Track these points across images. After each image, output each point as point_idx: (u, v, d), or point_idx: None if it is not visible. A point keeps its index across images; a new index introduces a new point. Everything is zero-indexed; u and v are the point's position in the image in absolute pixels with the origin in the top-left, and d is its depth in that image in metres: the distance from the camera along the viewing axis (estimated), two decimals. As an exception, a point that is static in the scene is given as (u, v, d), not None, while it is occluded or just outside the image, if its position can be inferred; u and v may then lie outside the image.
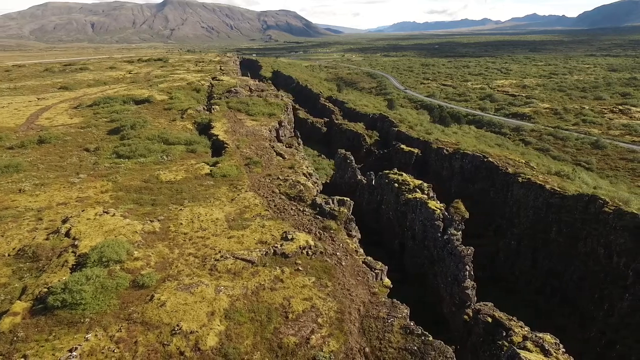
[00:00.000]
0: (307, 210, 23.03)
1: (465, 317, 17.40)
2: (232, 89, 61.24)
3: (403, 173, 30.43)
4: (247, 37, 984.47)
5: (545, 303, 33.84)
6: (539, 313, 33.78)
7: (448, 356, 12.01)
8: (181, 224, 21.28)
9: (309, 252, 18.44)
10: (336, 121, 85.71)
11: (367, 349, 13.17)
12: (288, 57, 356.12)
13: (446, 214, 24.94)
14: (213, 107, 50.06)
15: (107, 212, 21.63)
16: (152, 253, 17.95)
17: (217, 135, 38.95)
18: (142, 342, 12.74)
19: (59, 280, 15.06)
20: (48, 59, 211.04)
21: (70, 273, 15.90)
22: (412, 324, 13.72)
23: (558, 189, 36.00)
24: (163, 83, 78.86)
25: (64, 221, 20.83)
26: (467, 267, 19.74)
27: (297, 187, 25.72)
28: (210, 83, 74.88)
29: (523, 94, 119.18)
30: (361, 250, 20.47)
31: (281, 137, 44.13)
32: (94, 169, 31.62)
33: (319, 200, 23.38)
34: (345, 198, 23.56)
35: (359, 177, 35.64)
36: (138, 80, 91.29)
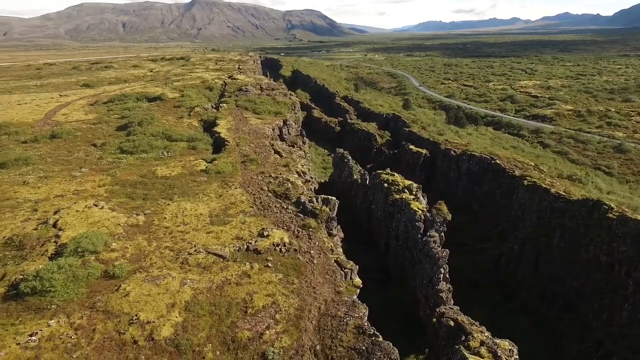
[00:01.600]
0: (290, 208, 23.19)
1: (434, 320, 17.14)
2: (243, 87, 62.07)
3: (395, 173, 30.14)
4: (272, 36, 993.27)
5: (547, 310, 32.82)
6: (539, 320, 32.84)
7: (393, 357, 11.91)
8: (165, 218, 21.81)
9: (282, 249, 18.59)
10: (349, 121, 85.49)
11: (318, 347, 13.22)
12: (310, 56, 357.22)
13: (428, 215, 24.55)
14: (221, 105, 50.91)
15: (96, 205, 22.41)
16: (130, 245, 18.51)
17: (220, 132, 39.60)
18: (100, 329, 13.20)
19: (35, 269, 15.74)
20: (79, 58, 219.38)
21: (48, 262, 16.59)
22: (366, 324, 13.68)
23: (563, 194, 34.83)
24: (180, 81, 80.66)
25: (55, 212, 21.71)
26: (442, 269, 19.34)
27: (285, 185, 25.90)
28: (224, 82, 76.04)
29: (546, 95, 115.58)
30: (339, 250, 20.45)
31: (284, 136, 44.44)
32: (97, 164, 32.75)
33: (303, 198, 23.50)
34: (330, 197, 23.59)
35: (355, 176, 35.54)
36: (157, 79, 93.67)
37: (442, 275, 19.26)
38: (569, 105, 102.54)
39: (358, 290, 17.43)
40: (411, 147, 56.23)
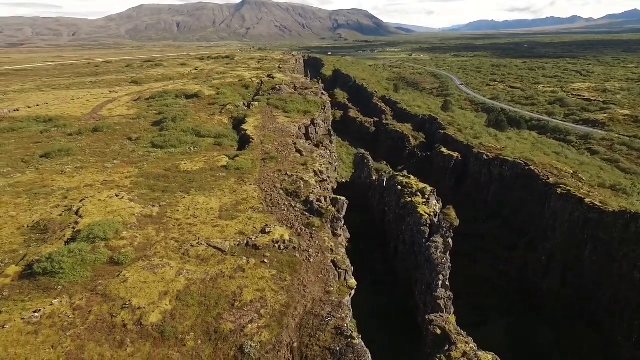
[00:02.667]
0: (298, 206, 23.47)
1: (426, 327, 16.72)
2: (277, 86, 63.18)
3: (411, 176, 29.52)
4: (318, 35, 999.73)
5: (571, 325, 30.92)
6: (563, 334, 31.01)
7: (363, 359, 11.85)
8: (178, 210, 22.83)
9: (281, 246, 18.91)
10: (384, 121, 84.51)
11: (295, 344, 13.39)
12: (354, 56, 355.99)
13: (434, 220, 23.83)
14: (253, 103, 52.17)
15: (117, 196, 23.88)
16: (140, 234, 19.58)
17: (246, 130, 40.64)
18: (96, 311, 14.15)
19: (49, 251, 17.09)
20: (133, 56, 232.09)
21: (63, 245, 17.94)
22: (345, 325, 13.66)
23: (598, 204, 32.57)
24: (220, 79, 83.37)
25: (81, 201, 23.36)
26: (441, 276, 18.73)
27: (298, 183, 26.21)
28: (261, 80, 77.72)
29: (600, 99, 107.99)
30: (340, 250, 20.47)
31: (311, 135, 44.80)
32: (129, 156, 34.75)
33: (312, 197, 23.70)
34: (339, 197, 23.62)
35: (374, 177, 35.16)
36: (200, 77, 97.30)
37: (440, 281, 18.70)
38: (625, 110, 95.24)
39: (352, 291, 17.41)
40: (442, 150, 54.81)
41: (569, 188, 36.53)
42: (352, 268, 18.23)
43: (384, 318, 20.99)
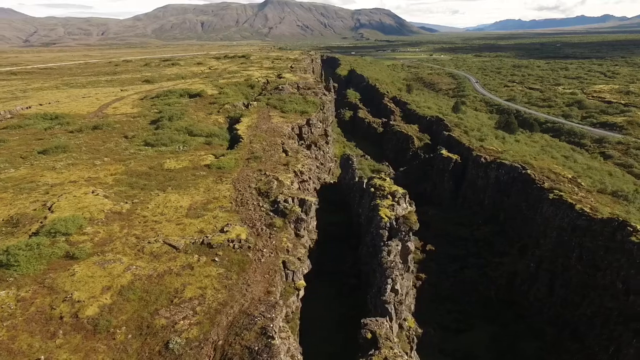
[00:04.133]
0: (265, 206, 23.71)
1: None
2: (280, 86, 63.62)
3: (387, 178, 29.30)
4: (340, 35, 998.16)
5: (556, 335, 30.12)
6: (547, 346, 30.20)
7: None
8: (148, 207, 23.42)
9: (236, 246, 19.19)
10: (390, 122, 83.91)
11: (220, 342, 13.64)
12: (374, 55, 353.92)
13: (394, 223, 23.57)
14: (252, 103, 52.73)
15: (93, 192, 24.67)
16: (103, 230, 20.23)
17: (238, 129, 41.17)
18: (38, 303, 14.76)
19: (8, 244, 17.86)
20: (154, 55, 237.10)
21: (28, 239, 18.72)
22: (271, 325, 13.81)
23: (588, 211, 31.56)
24: (229, 78, 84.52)
25: (59, 197, 24.25)
26: (390, 280, 18.52)
27: (271, 183, 26.45)
28: (267, 80, 78.36)
29: (622, 101, 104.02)
30: (300, 250, 20.60)
31: (304, 135, 44.98)
32: (120, 154, 35.72)
33: (280, 197, 23.91)
34: (307, 198, 23.75)
35: (357, 179, 35.06)
36: (211, 76, 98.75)
37: (389, 285, 18.54)
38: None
39: (299, 292, 17.55)
40: (442, 152, 54.07)
41: (562, 193, 35.49)
42: (301, 269, 18.29)
43: (340, 322, 21.00)
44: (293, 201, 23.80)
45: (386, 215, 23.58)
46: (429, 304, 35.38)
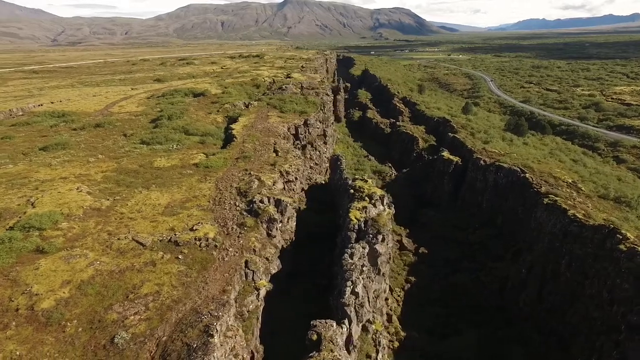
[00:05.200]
0: (241, 205, 23.96)
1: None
2: (284, 86, 63.93)
3: (368, 180, 29.10)
4: (358, 34, 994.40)
5: (542, 342, 29.40)
6: (534, 353, 29.52)
7: (205, 358, 12.17)
8: (127, 204, 23.98)
9: (202, 244, 19.48)
10: (397, 123, 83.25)
11: (164, 338, 13.90)
12: (392, 55, 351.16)
13: (362, 225, 23.38)
14: (252, 102, 53.18)
15: (77, 189, 25.38)
16: (78, 226, 20.83)
17: (233, 129, 41.61)
18: (-2, 295, 15.33)
19: (-14, 237, 18.58)
20: (175, 54, 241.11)
21: (5, 232, 19.44)
22: (214, 324, 14.00)
23: (580, 217, 30.67)
24: (236, 78, 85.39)
25: (44, 192, 25.05)
26: (350, 282, 18.38)
27: (252, 183, 26.69)
28: (273, 80, 78.82)
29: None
30: (269, 250, 20.76)
31: (300, 135, 45.11)
32: (115, 152, 36.60)
33: (257, 197, 24.10)
34: (283, 199, 23.88)
35: (344, 180, 34.92)
36: (222, 75, 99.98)
37: (349, 288, 18.44)
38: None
39: (259, 292, 17.68)
40: (443, 154, 53.40)
41: (557, 198, 34.60)
42: (261, 269, 18.42)
43: (306, 322, 21.00)
44: (269, 201, 23.97)
45: (355, 217, 23.50)
46: (417, 307, 35.06)
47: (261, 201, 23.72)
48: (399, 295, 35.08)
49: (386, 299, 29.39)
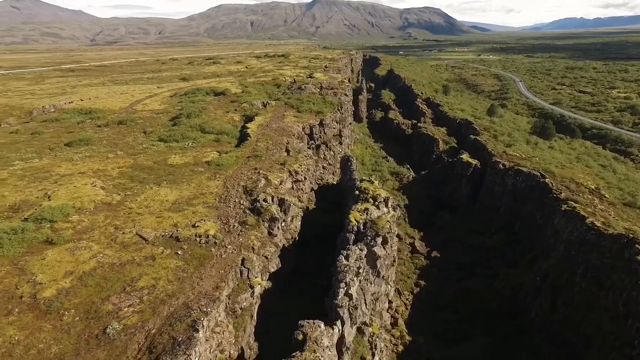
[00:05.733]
0: (244, 203, 24.32)
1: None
2: (303, 85, 64.27)
3: (375, 182, 28.82)
4: (387, 34, 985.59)
5: (553, 354, 28.36)
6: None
7: (187, 352, 12.48)
8: (137, 200, 24.79)
9: (202, 241, 19.92)
10: (419, 124, 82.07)
11: (153, 331, 14.33)
12: (420, 56, 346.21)
13: (361, 227, 23.12)
14: (270, 102, 53.73)
15: (92, 183, 26.44)
16: (87, 219, 21.72)
17: (248, 128, 42.20)
18: (6, 283, 16.23)
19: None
20: (203, 54, 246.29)
21: (20, 223, 20.52)
22: (200, 319, 14.31)
23: (599, 225, 29.38)
24: (259, 77, 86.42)
25: (62, 186, 26.24)
26: (343, 284, 18.23)
27: (258, 182, 27.03)
28: (294, 79, 79.29)
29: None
30: (271, 249, 21.01)
31: (315, 135, 45.25)
32: (134, 148, 37.83)
33: (261, 196, 24.41)
34: (287, 198, 24.08)
35: (353, 180, 34.72)
36: (245, 74, 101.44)
37: (342, 290, 18.35)
38: None
39: (253, 289, 17.93)
40: (463, 156, 52.30)
41: (576, 205, 33.26)
42: (256, 267, 18.65)
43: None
44: (272, 200, 24.22)
45: (355, 219, 23.38)
46: (426, 312, 34.57)
47: (265, 200, 24.00)
48: (407, 299, 34.68)
49: (390, 302, 29.10)
